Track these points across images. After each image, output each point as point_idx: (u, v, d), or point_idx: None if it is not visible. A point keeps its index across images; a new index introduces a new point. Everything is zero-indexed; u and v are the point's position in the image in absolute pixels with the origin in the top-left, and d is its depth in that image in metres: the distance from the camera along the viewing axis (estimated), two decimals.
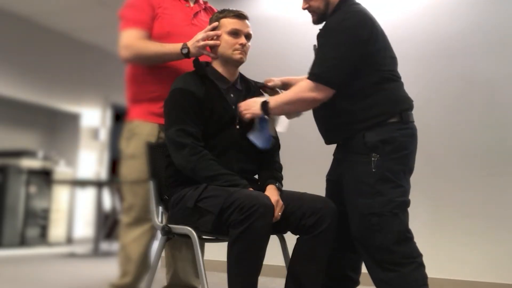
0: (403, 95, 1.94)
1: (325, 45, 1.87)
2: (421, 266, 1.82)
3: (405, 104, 1.92)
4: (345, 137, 1.92)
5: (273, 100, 1.91)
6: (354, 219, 1.86)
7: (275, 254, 1.94)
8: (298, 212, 1.80)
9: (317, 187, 2.11)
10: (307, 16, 4.02)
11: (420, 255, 1.83)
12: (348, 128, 1.90)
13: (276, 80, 2.14)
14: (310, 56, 2.25)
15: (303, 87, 1.86)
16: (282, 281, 1.91)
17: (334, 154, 2.08)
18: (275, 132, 1.99)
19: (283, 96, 1.94)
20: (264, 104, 1.89)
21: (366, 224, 1.82)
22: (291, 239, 1.91)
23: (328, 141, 2.05)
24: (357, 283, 2.04)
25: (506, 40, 3.21)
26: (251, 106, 1.91)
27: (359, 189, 1.85)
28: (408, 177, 1.90)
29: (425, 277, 1.81)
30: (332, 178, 2.03)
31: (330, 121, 1.96)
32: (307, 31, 3.79)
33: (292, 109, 1.93)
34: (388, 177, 1.83)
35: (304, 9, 2.03)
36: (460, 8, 3.35)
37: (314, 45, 1.99)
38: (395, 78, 1.93)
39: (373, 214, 1.80)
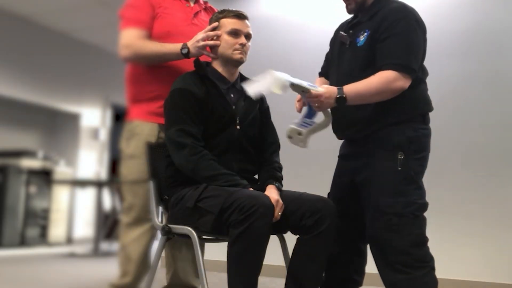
0: (427, 97, 1.94)
1: (400, 34, 1.82)
2: (433, 270, 1.81)
3: (428, 106, 1.93)
4: (367, 133, 1.88)
5: (352, 93, 1.79)
6: (372, 216, 1.84)
7: (275, 254, 1.94)
8: (298, 212, 1.80)
9: (317, 187, 2.11)
10: (307, 16, 4.03)
11: (432, 259, 1.82)
12: (372, 123, 1.86)
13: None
14: (310, 56, 2.26)
15: (389, 78, 1.79)
16: (282, 281, 1.91)
17: (345, 153, 2.04)
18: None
19: (364, 87, 1.80)
20: (341, 100, 1.79)
21: (385, 223, 1.79)
22: (291, 239, 1.91)
23: (343, 136, 2.01)
24: (360, 284, 2.04)
25: (506, 40, 3.21)
26: (322, 101, 1.79)
27: (381, 186, 1.82)
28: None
29: (435, 281, 1.80)
30: (344, 179, 1.98)
31: (353, 115, 1.90)
32: (306, 31, 3.81)
33: (375, 99, 1.82)
34: (412, 177, 1.82)
35: None
36: (460, 8, 3.35)
37: (340, 33, 1.98)
38: (424, 80, 1.94)
39: (394, 214, 1.78)
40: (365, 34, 1.89)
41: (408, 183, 1.82)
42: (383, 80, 1.80)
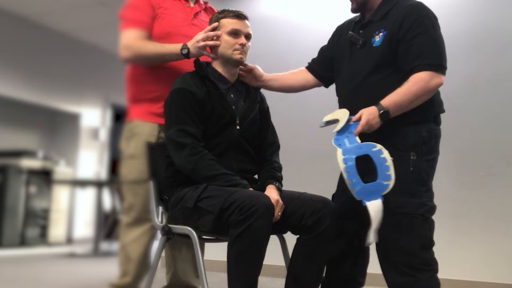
0: (440, 99, 1.93)
1: (426, 33, 1.81)
2: (436, 273, 1.80)
3: (441, 107, 1.92)
4: (383, 133, 1.83)
5: (392, 104, 1.77)
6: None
7: (275, 254, 1.94)
8: (298, 212, 1.80)
9: (317, 187, 2.11)
10: (306, 17, 4.03)
11: (437, 263, 1.80)
12: (390, 123, 1.81)
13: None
14: (309, 56, 2.26)
15: (425, 79, 1.77)
16: (282, 281, 1.91)
17: None
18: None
19: (403, 95, 1.78)
20: (384, 115, 1.77)
21: (394, 223, 1.76)
22: (291, 239, 1.91)
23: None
24: (362, 285, 2.03)
25: (507, 40, 3.21)
26: (370, 123, 1.76)
27: (393, 186, 1.78)
28: None
29: (439, 284, 1.80)
30: None
31: None
32: (306, 31, 3.81)
33: (414, 105, 1.80)
34: (424, 179, 1.81)
35: None
36: (462, 8, 3.35)
37: (350, 33, 1.95)
38: None
39: (405, 214, 1.75)
40: (381, 34, 1.86)
41: (420, 184, 1.80)
42: (420, 83, 1.78)
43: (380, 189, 1.70)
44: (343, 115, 1.85)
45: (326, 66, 2.14)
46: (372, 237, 1.68)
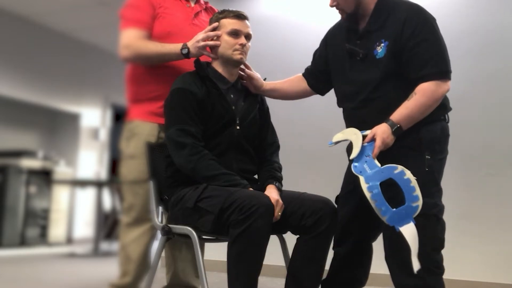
0: (447, 96, 1.91)
1: (429, 40, 1.79)
2: (442, 274, 1.79)
3: (449, 106, 1.91)
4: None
5: (403, 119, 1.75)
6: None
7: (275, 254, 1.94)
8: (298, 212, 1.80)
9: (317, 187, 2.11)
10: (307, 16, 4.02)
11: (444, 266, 1.80)
12: None
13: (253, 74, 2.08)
14: (310, 56, 2.26)
15: (432, 89, 1.76)
16: (282, 281, 1.91)
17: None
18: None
19: (413, 109, 1.76)
20: (398, 131, 1.75)
21: None
22: (291, 239, 1.91)
23: None
24: (364, 285, 2.03)
25: (507, 40, 3.21)
26: (386, 142, 1.74)
27: None
28: None
29: (444, 287, 1.79)
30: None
31: (385, 118, 1.79)
32: (306, 31, 3.81)
33: (424, 115, 1.79)
34: (436, 179, 1.81)
35: (331, 6, 1.94)
36: (462, 8, 3.35)
37: (347, 46, 1.91)
38: None
39: (420, 214, 1.71)
40: (383, 44, 1.82)
41: (433, 184, 1.79)
42: (428, 94, 1.76)
43: (411, 212, 1.68)
44: (355, 137, 1.79)
45: (319, 79, 2.14)
46: (416, 263, 1.65)
